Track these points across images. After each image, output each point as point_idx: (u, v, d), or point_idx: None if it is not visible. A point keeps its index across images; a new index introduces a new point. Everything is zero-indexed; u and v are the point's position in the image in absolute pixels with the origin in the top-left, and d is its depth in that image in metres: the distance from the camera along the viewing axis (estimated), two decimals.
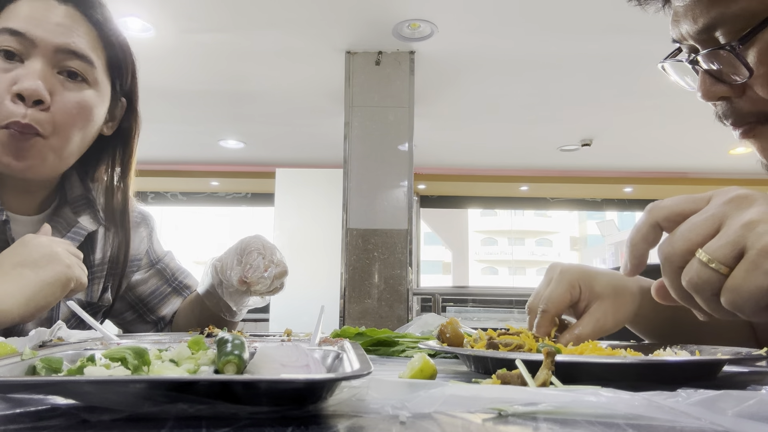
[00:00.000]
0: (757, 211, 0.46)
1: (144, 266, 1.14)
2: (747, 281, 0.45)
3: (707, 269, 0.47)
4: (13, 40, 0.82)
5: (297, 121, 4.82)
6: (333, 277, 3.90)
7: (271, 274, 0.95)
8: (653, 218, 0.52)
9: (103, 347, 0.53)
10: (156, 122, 4.81)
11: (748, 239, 0.45)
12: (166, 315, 1.14)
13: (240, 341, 0.41)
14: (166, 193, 6.91)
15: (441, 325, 0.70)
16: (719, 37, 0.66)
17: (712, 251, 0.47)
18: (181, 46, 3.51)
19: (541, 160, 5.99)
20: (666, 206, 0.52)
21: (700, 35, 0.67)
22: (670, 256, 0.50)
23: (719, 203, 0.49)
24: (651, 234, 0.53)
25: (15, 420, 0.33)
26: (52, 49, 0.84)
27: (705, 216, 0.49)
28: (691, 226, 0.49)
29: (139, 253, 1.12)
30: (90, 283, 1.02)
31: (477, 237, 20.73)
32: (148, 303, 1.14)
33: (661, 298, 0.55)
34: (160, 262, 1.16)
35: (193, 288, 1.18)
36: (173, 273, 1.17)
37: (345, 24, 3.28)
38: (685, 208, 0.51)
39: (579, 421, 0.34)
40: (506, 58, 3.66)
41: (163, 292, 1.14)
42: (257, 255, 0.96)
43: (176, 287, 1.16)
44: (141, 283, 1.13)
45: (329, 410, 0.36)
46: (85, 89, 0.89)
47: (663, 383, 0.48)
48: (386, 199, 3.47)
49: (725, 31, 0.65)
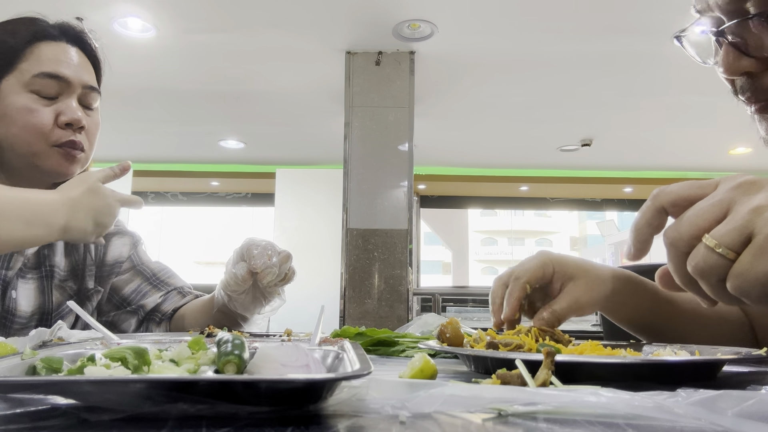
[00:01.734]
0: (764, 196, 0.46)
1: (126, 270, 1.24)
2: (754, 266, 0.44)
3: (714, 254, 0.46)
4: (52, 82, 1.03)
5: (297, 121, 4.82)
6: (333, 277, 3.89)
7: (275, 260, 1.03)
8: (659, 203, 0.51)
9: (103, 347, 0.53)
10: (156, 122, 4.81)
11: (756, 224, 0.45)
12: (145, 304, 1.21)
13: (240, 341, 0.41)
14: (166, 193, 6.91)
15: (441, 325, 0.70)
16: (750, 7, 0.64)
17: (719, 236, 0.46)
18: (182, 46, 3.51)
19: (541, 160, 5.99)
20: (672, 191, 0.51)
21: (729, 5, 0.65)
22: (676, 241, 0.49)
23: (727, 189, 0.48)
24: (656, 219, 0.52)
25: (15, 420, 0.33)
26: (80, 87, 1.06)
27: (712, 201, 0.48)
28: (698, 211, 0.48)
29: (121, 256, 1.23)
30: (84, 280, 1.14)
31: (477, 237, 20.73)
32: (131, 301, 1.22)
33: (665, 285, 0.54)
34: (141, 265, 1.25)
35: (175, 285, 1.25)
36: (153, 272, 1.26)
37: (345, 24, 3.28)
38: (691, 193, 0.50)
39: (579, 421, 0.34)
40: (506, 58, 3.66)
41: (143, 289, 1.23)
42: (256, 249, 1.04)
43: (156, 284, 1.24)
44: (123, 283, 1.23)
45: (329, 410, 0.36)
46: (96, 112, 1.12)
47: (663, 383, 0.48)
48: (386, 199, 3.47)
49: (758, 0, 0.63)
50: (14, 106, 1.01)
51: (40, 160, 1.03)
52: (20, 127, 1.01)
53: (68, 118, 1.03)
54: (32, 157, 1.03)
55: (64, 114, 1.03)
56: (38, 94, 1.02)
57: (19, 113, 1.01)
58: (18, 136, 1.01)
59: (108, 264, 1.21)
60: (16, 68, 1.02)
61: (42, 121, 1.02)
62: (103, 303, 1.21)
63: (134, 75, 3.81)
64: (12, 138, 1.02)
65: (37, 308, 1.06)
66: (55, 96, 1.04)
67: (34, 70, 1.02)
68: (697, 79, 3.68)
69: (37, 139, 1.02)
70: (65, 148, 1.04)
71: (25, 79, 1.02)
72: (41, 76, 1.02)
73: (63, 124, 1.03)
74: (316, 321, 0.71)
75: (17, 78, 1.02)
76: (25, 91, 1.02)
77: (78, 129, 1.05)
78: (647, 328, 0.89)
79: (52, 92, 1.03)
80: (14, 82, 1.02)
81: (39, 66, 1.03)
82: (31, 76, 1.02)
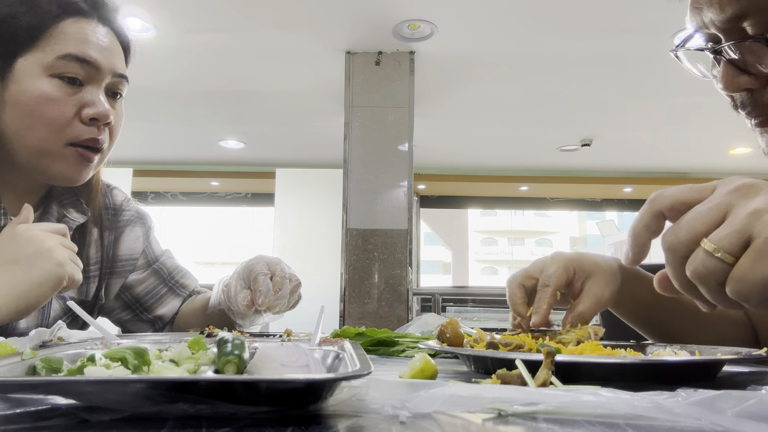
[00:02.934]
0: (763, 199, 0.45)
1: (141, 266, 1.13)
2: (753, 270, 0.44)
3: (713, 259, 0.46)
4: (79, 66, 0.88)
5: (297, 121, 4.82)
6: (333, 278, 3.89)
7: (287, 290, 0.95)
8: (657, 207, 0.51)
9: (103, 347, 0.53)
10: (156, 122, 4.81)
11: (754, 228, 0.44)
12: (164, 315, 1.13)
13: (240, 341, 0.41)
14: (166, 193, 6.91)
15: (441, 325, 0.70)
16: (747, 27, 0.64)
17: (717, 240, 0.45)
18: (182, 47, 3.51)
19: (541, 160, 5.99)
20: (670, 195, 0.51)
21: (726, 24, 0.65)
22: (674, 245, 0.48)
23: (724, 192, 0.48)
24: (654, 223, 0.51)
25: (15, 420, 0.33)
26: (110, 75, 0.93)
27: (710, 205, 0.47)
28: (696, 215, 0.48)
29: (135, 252, 1.11)
30: (84, 282, 1.02)
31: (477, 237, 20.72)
32: (144, 303, 1.13)
33: (664, 290, 0.54)
34: (157, 262, 1.15)
35: (191, 287, 1.17)
36: (170, 272, 1.16)
37: (345, 24, 3.28)
38: (689, 196, 0.50)
39: (579, 421, 0.34)
40: (506, 58, 3.66)
41: (159, 292, 1.13)
42: (263, 278, 0.95)
43: (172, 287, 1.15)
44: (137, 283, 1.12)
45: (329, 410, 0.36)
46: (121, 102, 0.99)
47: (663, 383, 0.48)
48: (386, 199, 3.47)
49: (755, 21, 0.63)
50: (31, 93, 0.86)
51: (50, 161, 0.89)
52: (35, 119, 0.86)
53: (94, 112, 0.89)
54: (41, 156, 0.89)
55: (89, 106, 0.89)
56: (61, 78, 0.87)
57: (36, 102, 0.86)
58: (31, 128, 0.86)
59: (121, 259, 1.09)
60: (37, 46, 0.87)
61: (62, 113, 0.87)
62: (111, 300, 1.10)
63: (134, 75, 3.79)
64: (23, 130, 0.87)
65: (35, 326, 0.93)
66: (81, 83, 0.89)
67: (60, 50, 0.87)
68: (697, 79, 3.66)
69: (53, 135, 0.87)
70: (82, 149, 0.90)
71: (47, 60, 0.86)
72: (68, 58, 0.87)
73: (87, 119, 0.89)
74: (316, 321, 0.71)
75: (38, 58, 0.86)
76: (46, 75, 0.87)
77: (104, 125, 0.92)
78: (651, 324, 0.89)
79: (79, 77, 0.88)
80: (33, 62, 0.86)
81: (65, 46, 0.87)
82: (54, 57, 0.87)
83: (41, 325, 0.96)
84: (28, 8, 0.87)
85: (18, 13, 0.87)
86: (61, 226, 0.84)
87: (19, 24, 0.86)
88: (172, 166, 6.21)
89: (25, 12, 0.87)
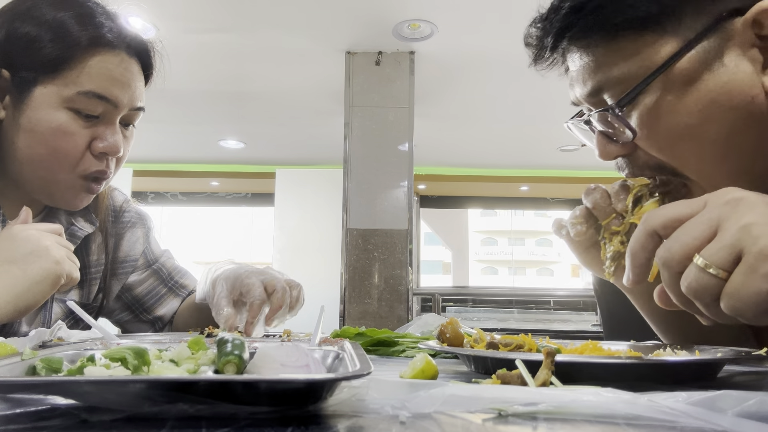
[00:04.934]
0: (753, 213, 0.46)
1: (140, 267, 1.13)
2: (746, 285, 0.44)
3: (705, 274, 0.46)
4: (98, 103, 0.87)
5: (297, 121, 4.82)
6: (333, 277, 3.89)
7: (285, 313, 0.92)
8: (650, 226, 0.52)
9: (103, 347, 0.53)
10: (156, 122, 4.81)
11: (745, 242, 0.45)
12: (164, 315, 1.13)
13: (240, 341, 0.41)
14: (166, 193, 6.90)
15: (441, 325, 0.70)
16: (607, 99, 0.69)
17: (709, 256, 0.46)
18: (182, 46, 3.51)
19: (541, 160, 5.99)
20: (661, 213, 0.51)
21: (590, 98, 0.72)
22: (668, 261, 0.49)
23: (714, 206, 0.48)
24: (649, 242, 0.52)
25: (15, 420, 0.33)
26: (127, 109, 0.92)
27: (701, 220, 0.48)
28: (687, 231, 0.48)
29: (135, 253, 1.12)
30: (87, 285, 1.02)
31: (477, 237, 20.73)
32: (144, 303, 1.13)
33: (663, 303, 0.54)
34: (156, 263, 1.15)
35: (191, 287, 1.17)
36: (169, 273, 1.16)
37: (345, 24, 3.28)
38: (681, 212, 0.50)
39: (579, 421, 0.34)
40: (506, 58, 3.66)
41: (159, 293, 1.13)
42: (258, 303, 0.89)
43: (172, 287, 1.15)
44: (138, 284, 1.13)
45: (329, 410, 0.36)
46: (132, 130, 0.98)
47: (663, 383, 0.48)
48: (386, 199, 3.47)
49: (611, 94, 0.68)
50: (47, 124, 0.85)
51: (58, 189, 0.90)
52: (48, 150, 0.86)
53: (104, 146, 0.89)
54: (47, 184, 0.89)
55: (101, 140, 0.89)
56: (78, 113, 0.86)
57: (51, 134, 0.85)
58: (43, 158, 0.86)
59: (121, 261, 1.10)
60: (60, 76, 0.85)
61: (75, 146, 0.87)
62: (111, 301, 1.10)
63: None
64: (35, 157, 0.87)
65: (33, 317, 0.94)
66: (97, 117, 0.89)
67: (82, 85, 0.85)
68: None
69: (64, 168, 0.88)
70: (89, 181, 0.91)
71: (67, 93, 0.85)
72: (89, 95, 0.86)
73: (97, 152, 0.89)
74: (316, 321, 0.71)
75: (58, 88, 0.85)
76: (63, 106, 0.85)
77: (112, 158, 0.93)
78: (662, 321, 0.89)
79: (95, 113, 0.88)
80: (53, 92, 0.85)
81: (88, 81, 0.86)
82: (75, 92, 0.85)
83: (40, 325, 0.95)
84: (56, 36, 0.85)
85: (45, 39, 0.85)
86: (56, 226, 0.83)
87: (45, 52, 0.84)
88: (172, 166, 6.20)
89: (52, 39, 0.85)
